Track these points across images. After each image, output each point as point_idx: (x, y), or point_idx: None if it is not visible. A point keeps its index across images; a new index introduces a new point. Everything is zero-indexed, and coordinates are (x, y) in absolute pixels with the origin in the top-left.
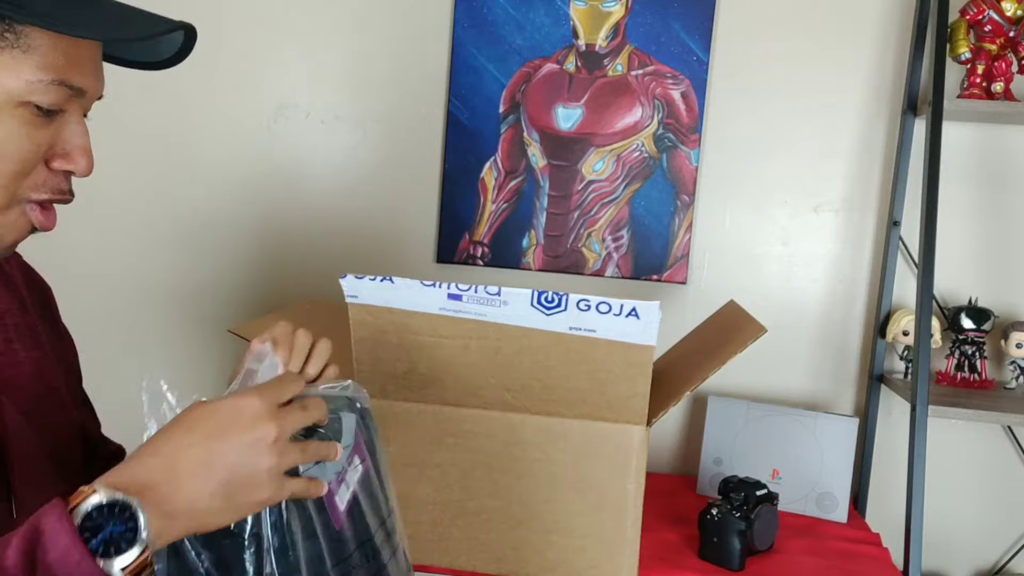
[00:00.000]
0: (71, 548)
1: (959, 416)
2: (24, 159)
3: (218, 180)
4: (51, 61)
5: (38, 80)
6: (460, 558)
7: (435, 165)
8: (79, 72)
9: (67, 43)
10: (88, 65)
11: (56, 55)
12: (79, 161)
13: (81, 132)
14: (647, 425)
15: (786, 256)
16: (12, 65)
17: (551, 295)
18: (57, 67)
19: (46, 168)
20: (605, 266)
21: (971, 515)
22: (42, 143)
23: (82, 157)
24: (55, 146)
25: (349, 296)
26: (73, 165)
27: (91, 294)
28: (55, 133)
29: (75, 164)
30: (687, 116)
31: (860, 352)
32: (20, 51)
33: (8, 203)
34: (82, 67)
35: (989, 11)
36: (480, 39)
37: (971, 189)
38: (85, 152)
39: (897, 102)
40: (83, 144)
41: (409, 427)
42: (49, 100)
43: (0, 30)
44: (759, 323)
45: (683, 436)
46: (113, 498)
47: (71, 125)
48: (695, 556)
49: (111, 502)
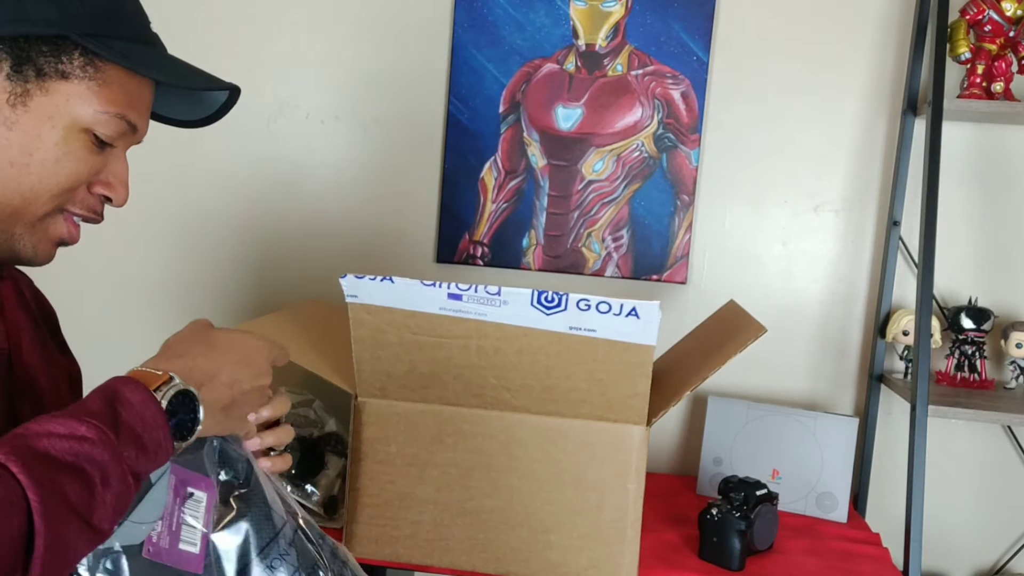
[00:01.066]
0: (156, 420)
1: (959, 416)
2: (75, 178)
3: (218, 180)
4: (119, 97)
5: (105, 112)
6: (460, 558)
7: (435, 165)
8: (137, 112)
9: (135, 84)
10: (145, 108)
11: (124, 93)
12: (119, 191)
13: (124, 167)
14: (647, 425)
15: (786, 256)
16: (87, 95)
17: (551, 295)
18: (122, 103)
19: (87, 190)
20: (605, 266)
21: (971, 515)
22: (92, 168)
23: (122, 188)
24: (101, 173)
25: (349, 296)
26: (113, 193)
27: (91, 294)
28: (104, 162)
29: (115, 193)
30: (687, 116)
31: (860, 352)
32: (96, 84)
33: (52, 211)
34: (140, 108)
35: (989, 11)
36: (480, 39)
37: (971, 189)
38: (124, 185)
39: (897, 102)
40: (124, 178)
41: (409, 427)
42: (109, 131)
43: (83, 63)
44: (759, 323)
45: (683, 436)
46: (186, 388)
47: (118, 159)
48: (695, 556)
49: (184, 391)
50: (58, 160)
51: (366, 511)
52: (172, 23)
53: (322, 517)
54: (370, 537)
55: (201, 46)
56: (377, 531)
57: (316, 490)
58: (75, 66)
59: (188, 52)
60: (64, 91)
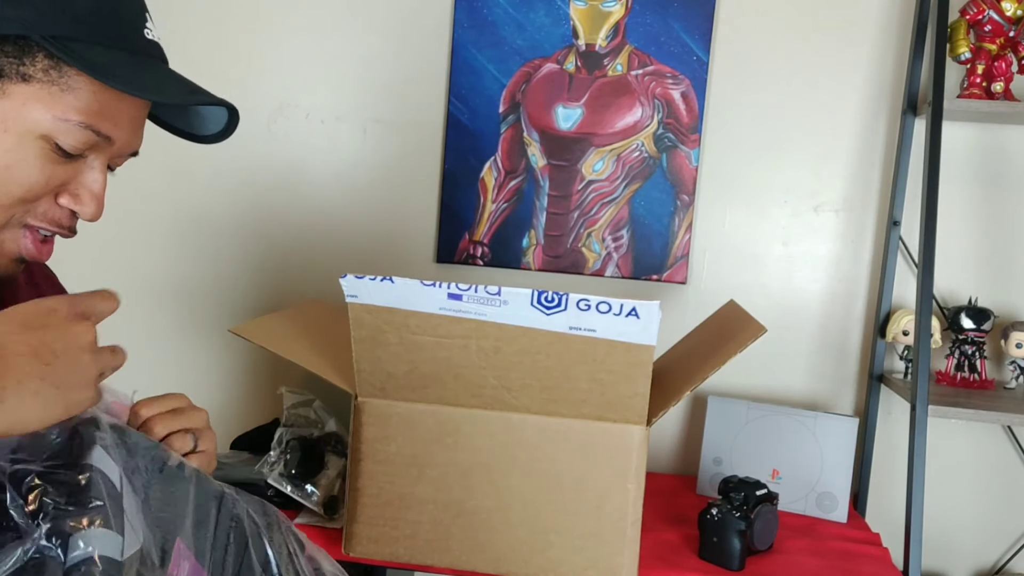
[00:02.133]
0: None
1: (959, 416)
2: (30, 188)
3: (218, 180)
4: (85, 106)
5: (66, 119)
6: (460, 558)
7: (435, 165)
8: (111, 122)
9: (109, 94)
10: (124, 119)
11: (92, 101)
12: (87, 204)
13: (97, 179)
14: (647, 425)
15: (786, 256)
16: (47, 100)
17: (551, 295)
18: (89, 112)
19: (53, 201)
20: (605, 266)
21: (971, 515)
22: (54, 178)
23: (91, 202)
24: (69, 184)
25: (349, 296)
26: (79, 207)
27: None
28: (72, 173)
29: (81, 206)
30: (687, 116)
31: (860, 352)
32: (59, 89)
33: (8, 223)
34: (116, 119)
35: (989, 11)
36: (480, 39)
37: (971, 189)
38: (95, 198)
39: (897, 102)
40: (95, 191)
41: (409, 427)
42: (72, 141)
43: (46, 67)
44: (759, 323)
45: (683, 436)
46: None
47: (91, 171)
48: (695, 556)
49: None
50: (8, 167)
51: (366, 511)
52: (172, 24)
53: (322, 517)
54: (370, 537)
55: (201, 46)
56: (377, 531)
57: (316, 490)
58: (37, 69)
59: (188, 53)
60: (23, 94)
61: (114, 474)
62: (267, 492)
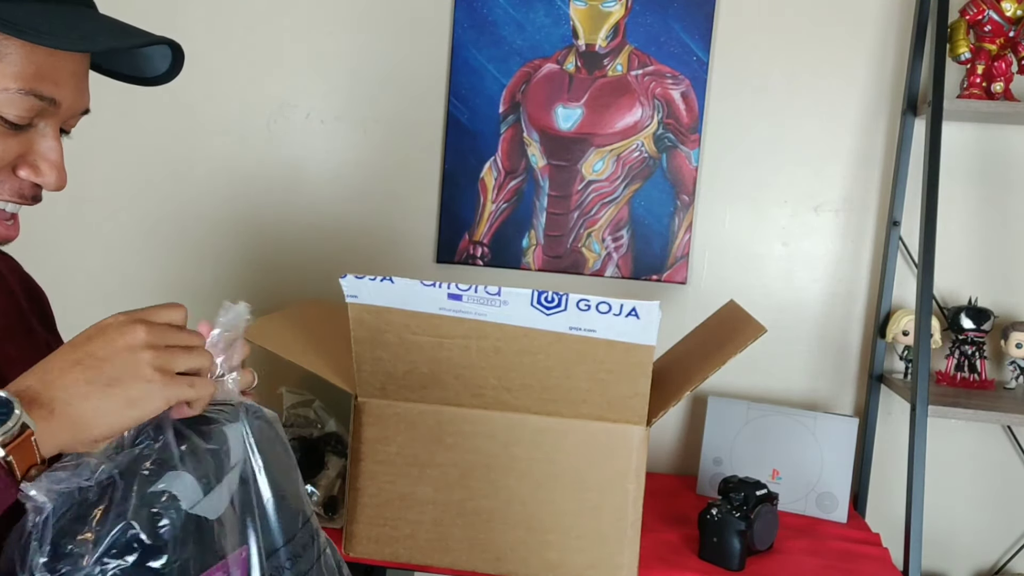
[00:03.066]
0: None
1: (959, 416)
2: None
3: (218, 180)
4: (21, 70)
5: (4, 88)
6: (460, 558)
7: (435, 165)
8: (52, 83)
9: (42, 53)
10: (65, 77)
11: (27, 64)
12: (47, 174)
13: (52, 147)
14: (647, 425)
15: (786, 256)
16: None
17: (551, 295)
18: (26, 76)
19: (12, 174)
20: (605, 266)
21: (971, 515)
22: (7, 152)
23: (51, 171)
24: (26, 155)
25: (349, 296)
26: (39, 178)
27: (90, 294)
28: (27, 143)
29: (42, 177)
30: (687, 116)
31: (860, 352)
32: None
33: None
34: (57, 78)
35: (989, 11)
36: (480, 39)
37: (971, 189)
38: (55, 167)
39: (897, 102)
40: (53, 159)
41: (409, 427)
42: (17, 111)
43: None
44: (759, 323)
45: (683, 436)
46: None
47: (45, 139)
48: (695, 556)
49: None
50: None
51: (366, 511)
52: (172, 23)
53: (322, 517)
54: (370, 537)
55: (202, 46)
56: (377, 531)
57: (316, 490)
58: None
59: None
60: None
61: (237, 448)
62: None
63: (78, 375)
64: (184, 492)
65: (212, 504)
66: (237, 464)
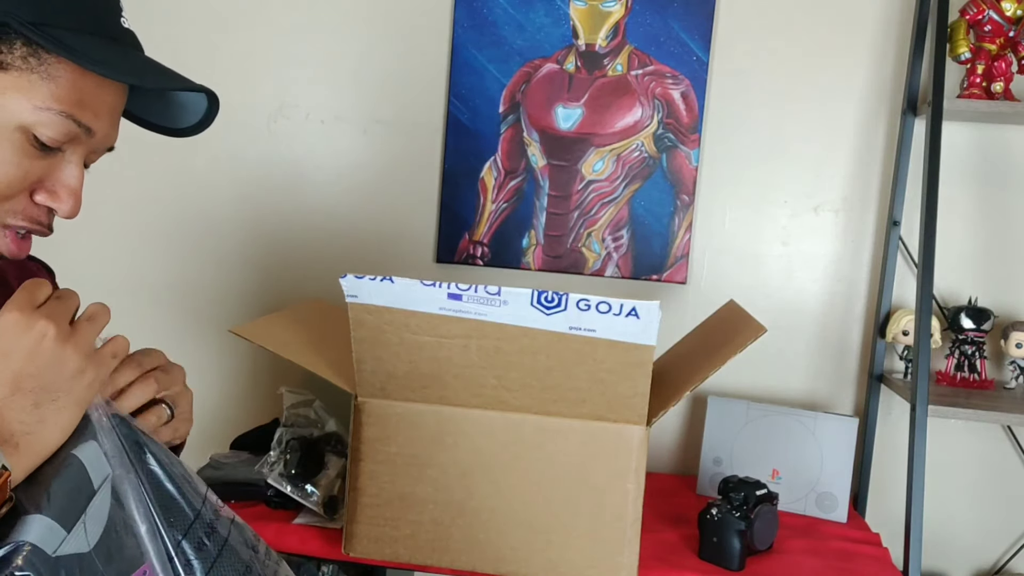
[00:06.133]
0: None
1: (959, 416)
2: (8, 184)
3: (218, 180)
4: (66, 94)
5: (47, 108)
6: (460, 558)
7: (435, 165)
8: (92, 112)
9: (90, 83)
10: (105, 109)
11: (73, 90)
12: (65, 201)
13: (75, 174)
14: (647, 425)
15: (786, 256)
16: (26, 88)
17: (551, 295)
18: (70, 101)
19: (29, 198)
20: (605, 266)
21: (971, 515)
22: (31, 173)
23: (69, 198)
24: (45, 181)
25: (349, 296)
26: (57, 204)
27: (90, 294)
28: (48, 168)
29: (59, 203)
30: (687, 116)
31: (860, 352)
32: (39, 77)
33: None
34: (97, 109)
35: (989, 11)
36: (480, 39)
37: (971, 189)
38: (73, 194)
39: (897, 102)
40: (73, 186)
41: (409, 427)
42: (53, 133)
43: (25, 54)
44: (759, 323)
45: (683, 436)
46: None
47: (68, 165)
48: (695, 556)
49: None
50: None
51: (366, 511)
52: (172, 23)
53: (322, 517)
54: (370, 537)
55: (202, 46)
56: (377, 531)
57: (316, 490)
58: (16, 56)
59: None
60: (1, 84)
61: (98, 472)
62: (267, 492)
63: (24, 402)
64: (43, 537)
65: (80, 538)
66: (104, 482)
